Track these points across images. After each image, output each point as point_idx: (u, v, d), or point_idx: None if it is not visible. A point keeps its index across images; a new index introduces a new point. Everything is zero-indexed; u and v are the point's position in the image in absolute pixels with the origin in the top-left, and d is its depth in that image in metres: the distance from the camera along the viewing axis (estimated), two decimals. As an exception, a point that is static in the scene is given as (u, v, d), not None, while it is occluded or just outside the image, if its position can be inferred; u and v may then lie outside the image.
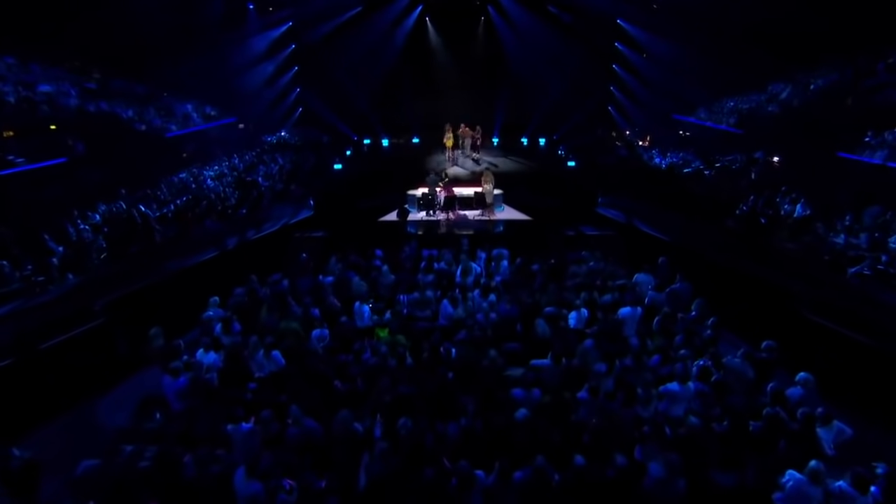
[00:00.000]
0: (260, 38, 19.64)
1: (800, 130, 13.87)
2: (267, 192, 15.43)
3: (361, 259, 8.61)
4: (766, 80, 16.66)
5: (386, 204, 12.42)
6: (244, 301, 7.08)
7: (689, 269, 7.72)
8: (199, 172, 16.21)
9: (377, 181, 14.80)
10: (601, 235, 10.64)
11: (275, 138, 21.59)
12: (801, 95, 15.59)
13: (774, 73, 16.26)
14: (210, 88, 18.67)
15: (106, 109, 15.67)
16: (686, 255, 9.38)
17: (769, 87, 16.69)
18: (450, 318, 6.92)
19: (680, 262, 8.24)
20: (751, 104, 17.41)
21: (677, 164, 16.98)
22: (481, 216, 11.52)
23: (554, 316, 6.65)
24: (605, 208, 12.07)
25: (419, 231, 11.36)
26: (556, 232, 10.62)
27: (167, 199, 13.82)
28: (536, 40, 19.60)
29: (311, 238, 10.63)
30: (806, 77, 15.24)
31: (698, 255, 9.38)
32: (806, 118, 14.06)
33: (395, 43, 20.13)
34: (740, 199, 12.13)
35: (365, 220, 11.81)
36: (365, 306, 6.92)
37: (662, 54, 18.23)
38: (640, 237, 10.53)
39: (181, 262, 8.72)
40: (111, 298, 7.32)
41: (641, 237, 10.51)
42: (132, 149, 14.99)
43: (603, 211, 11.83)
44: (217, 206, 13.84)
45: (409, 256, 8.55)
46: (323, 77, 20.19)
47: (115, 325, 6.91)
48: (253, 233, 10.60)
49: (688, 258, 9.29)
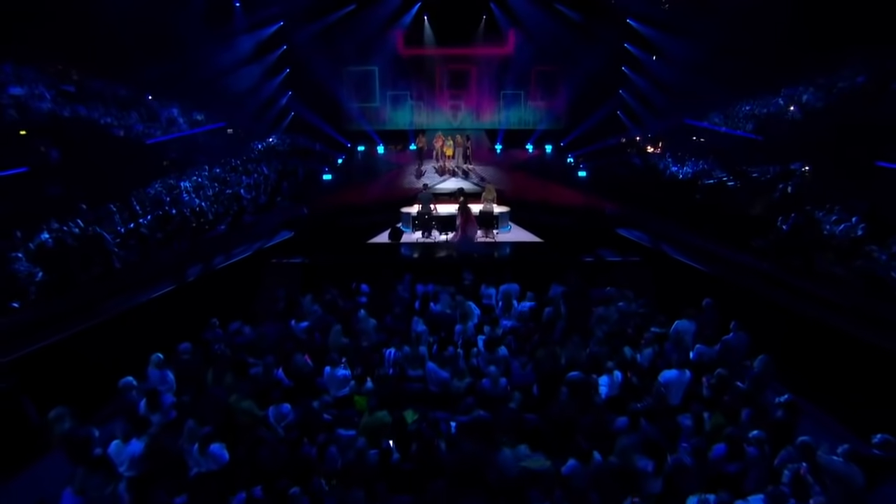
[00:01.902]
0: (249, 38, 18.28)
1: (829, 137, 12.61)
2: (249, 205, 14.03)
3: (343, 298, 7.16)
4: (780, 82, 15.61)
5: (377, 221, 11.04)
6: (192, 361, 5.63)
7: (736, 310, 6.29)
8: (175, 184, 14.79)
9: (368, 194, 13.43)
10: (625, 263, 9.19)
11: (263, 145, 20.20)
12: (824, 98, 14.24)
13: (789, 74, 15.11)
14: (198, 91, 17.38)
15: (83, 114, 14.46)
16: (730, 291, 7.94)
17: (783, 90, 15.62)
18: (443, 385, 5.47)
19: (726, 301, 6.81)
20: (768, 108, 16.19)
21: (698, 174, 15.58)
22: (485, 238, 10.08)
23: (581, 385, 5.18)
24: (626, 228, 10.60)
25: (414, 254, 9.94)
26: (573, 258, 9.18)
27: (138, 214, 12.47)
28: (543, 40, 18.30)
29: (289, 266, 9.19)
30: (828, 78, 14.06)
31: (744, 291, 7.92)
32: (834, 123, 12.84)
33: (391, 42, 18.77)
34: (773, 216, 10.73)
35: (352, 241, 10.38)
36: (340, 370, 5.46)
37: (674, 55, 16.99)
38: (671, 265, 9.06)
39: (130, 300, 7.26)
40: (27, 351, 5.87)
41: (672, 265, 9.04)
42: (106, 157, 13.73)
43: (624, 232, 10.36)
44: (192, 222, 12.45)
45: (400, 299, 7.07)
46: (315, 80, 18.81)
47: (25, 389, 5.46)
48: (221, 260, 9.13)
49: (732, 294, 7.84)
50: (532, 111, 19.92)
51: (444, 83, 19.44)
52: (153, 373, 5.35)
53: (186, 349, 5.62)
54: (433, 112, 19.77)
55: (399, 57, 19.07)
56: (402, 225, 10.64)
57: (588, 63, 18.10)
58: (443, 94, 19.60)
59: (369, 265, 9.07)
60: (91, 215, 11.53)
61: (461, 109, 19.77)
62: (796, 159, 13.77)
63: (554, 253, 9.60)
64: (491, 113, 19.92)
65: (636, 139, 19.88)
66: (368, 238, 10.46)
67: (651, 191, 14.13)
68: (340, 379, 5.47)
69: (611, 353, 5.84)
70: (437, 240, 10.11)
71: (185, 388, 5.36)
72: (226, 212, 13.28)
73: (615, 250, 9.70)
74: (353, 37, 18.44)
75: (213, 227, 12.69)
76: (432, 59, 19.21)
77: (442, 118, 19.77)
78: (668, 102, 17.74)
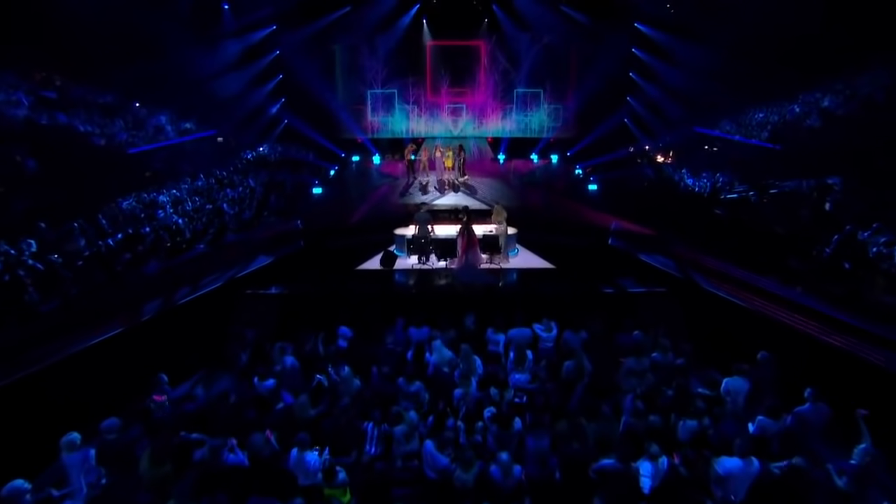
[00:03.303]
0: (240, 43, 17.21)
1: (856, 146, 11.54)
2: (232, 221, 12.88)
3: (319, 346, 5.96)
4: (795, 88, 14.70)
5: (370, 242, 9.88)
6: (120, 442, 4.42)
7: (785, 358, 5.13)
8: (151, 197, 13.64)
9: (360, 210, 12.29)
10: (650, 295, 7.99)
11: (252, 154, 19.06)
12: (846, 104, 13.21)
13: (805, 80, 14.19)
14: (187, 98, 16.33)
15: (62, 121, 13.39)
16: (775, 331, 6.76)
17: (799, 95, 14.70)
18: (443, 473, 4.27)
19: (772, 346, 5.58)
20: (784, 116, 15.19)
21: (717, 187, 14.46)
22: (491, 264, 8.89)
23: (618, 478, 3.98)
24: (648, 253, 9.41)
25: (410, 281, 8.76)
26: (590, 289, 8.01)
27: (107, 232, 11.34)
28: (548, 44, 17.38)
29: (265, 297, 8.01)
30: (847, 83, 13.14)
31: (790, 331, 6.72)
32: (860, 131, 11.87)
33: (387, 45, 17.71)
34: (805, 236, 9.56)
35: (339, 266, 9.20)
36: (308, 455, 4.26)
37: (684, 59, 16.05)
38: (702, 297, 7.85)
39: (63, 348, 6.04)
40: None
41: (703, 297, 7.84)
42: (83, 168, 12.61)
43: (646, 258, 9.16)
44: (165, 242, 11.29)
45: (388, 353, 5.86)
46: (308, 87, 17.72)
47: None
48: (187, 291, 7.93)
49: (777, 334, 6.67)
50: (536, 118, 18.79)
51: (442, 89, 18.33)
52: (68, 460, 4.15)
53: (112, 426, 4.40)
54: (431, 119, 18.65)
55: (396, 60, 17.97)
56: (396, 248, 9.45)
57: (596, 68, 17.14)
58: (442, 100, 18.48)
59: (357, 297, 7.90)
60: (52, 234, 10.43)
61: (462, 116, 18.65)
62: (820, 170, 12.73)
63: (568, 282, 8.41)
64: (493, 120, 18.79)
65: (645, 149, 18.76)
66: (358, 263, 9.27)
67: (667, 206, 13.02)
68: (311, 465, 4.27)
69: (650, 427, 4.65)
70: (436, 266, 8.92)
71: (110, 479, 4.16)
72: (204, 229, 12.15)
73: (637, 279, 8.52)
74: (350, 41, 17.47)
75: (192, 247, 11.57)
76: (431, 62, 18.13)
77: (441, 125, 18.65)
78: (679, 109, 16.74)
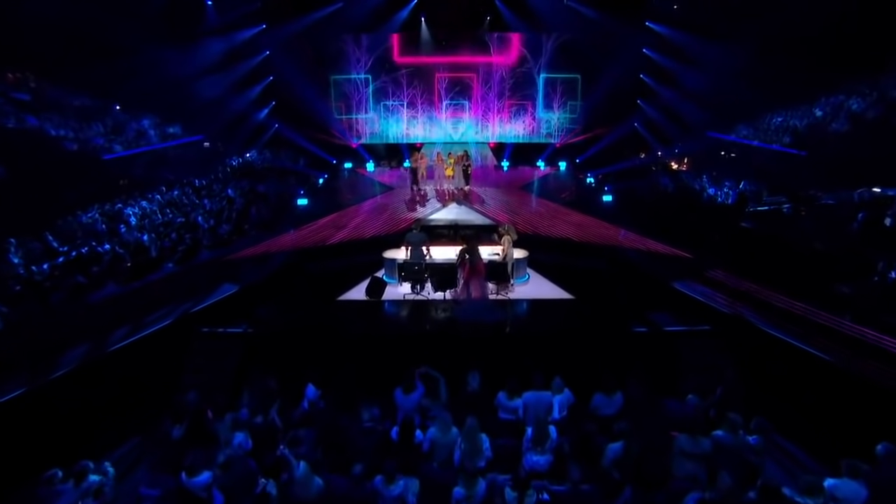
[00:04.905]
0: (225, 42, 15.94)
1: None
2: (205, 236, 11.50)
3: (275, 418, 4.51)
4: (817, 89, 13.86)
5: (358, 264, 8.48)
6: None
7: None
8: (116, 209, 12.27)
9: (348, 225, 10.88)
10: (692, 335, 6.54)
11: (238, 161, 17.72)
12: (874, 107, 12.23)
13: (827, 82, 13.37)
14: (173, 101, 15.09)
15: (32, 125, 12.18)
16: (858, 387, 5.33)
17: (821, 97, 13.87)
18: None
19: None
20: (808, 119, 14.19)
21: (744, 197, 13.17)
22: (497, 294, 7.44)
23: None
24: (682, 280, 7.95)
25: (401, 312, 7.34)
26: (622, 329, 6.57)
27: (56, 251, 10.00)
28: (556, 43, 16.29)
29: (224, 338, 6.56)
30: (872, 85, 12.34)
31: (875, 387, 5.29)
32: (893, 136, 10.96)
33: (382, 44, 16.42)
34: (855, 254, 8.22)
35: (318, 295, 7.77)
36: None
37: (697, 59, 15.01)
38: (761, 342, 6.39)
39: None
40: None
41: (763, 342, 6.37)
42: (49, 175, 11.47)
43: (682, 287, 7.70)
44: (125, 261, 9.92)
45: (364, 433, 4.41)
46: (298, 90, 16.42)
47: None
48: (126, 332, 6.46)
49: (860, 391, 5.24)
50: (543, 122, 17.44)
51: (443, 90, 16.99)
52: None
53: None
54: (431, 123, 17.30)
55: (392, 61, 16.68)
56: (386, 274, 8.00)
57: (607, 69, 15.95)
58: (441, 102, 17.14)
59: (334, 342, 6.46)
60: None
61: (463, 120, 17.30)
62: (856, 179, 11.50)
63: (591, 319, 6.97)
64: (496, 125, 17.44)
65: (658, 154, 17.48)
66: (341, 292, 7.82)
67: (691, 219, 11.69)
68: None
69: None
70: (432, 297, 7.46)
71: None
72: (173, 246, 10.77)
73: (673, 313, 7.07)
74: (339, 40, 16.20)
75: (158, 267, 10.24)
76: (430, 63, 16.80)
77: (440, 130, 17.29)
78: (696, 113, 15.55)
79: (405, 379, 4.78)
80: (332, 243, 9.92)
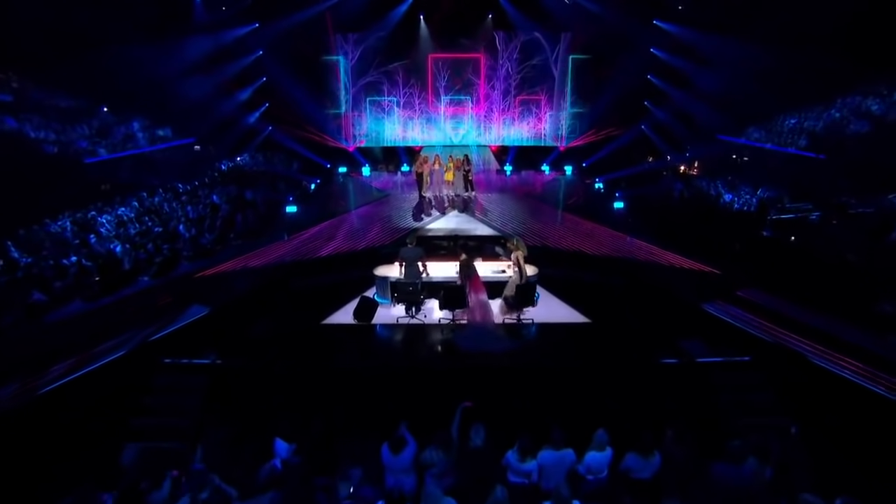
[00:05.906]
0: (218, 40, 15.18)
1: None
2: (187, 246, 10.66)
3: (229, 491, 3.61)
4: (832, 89, 12.98)
5: (349, 281, 7.59)
6: None
7: None
8: (86, 217, 11.41)
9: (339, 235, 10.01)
10: (730, 366, 5.63)
11: (227, 165, 16.89)
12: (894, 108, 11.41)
13: (843, 82, 12.53)
14: (161, 102, 14.33)
15: (11, 126, 11.52)
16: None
17: (837, 99, 13.00)
18: None
19: None
20: (824, 121, 13.36)
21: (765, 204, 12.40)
22: (514, 319, 6.53)
23: None
24: (711, 300, 7.04)
25: (395, 338, 6.44)
26: (648, 360, 5.67)
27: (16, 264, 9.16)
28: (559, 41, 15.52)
29: (188, 370, 5.65)
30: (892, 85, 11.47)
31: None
32: None
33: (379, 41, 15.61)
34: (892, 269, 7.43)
35: (300, 318, 6.87)
36: None
37: (708, 58, 14.28)
38: (810, 375, 5.47)
39: None
40: None
41: (812, 375, 5.46)
42: (24, 180, 10.74)
43: (712, 309, 6.79)
44: (93, 275, 9.07)
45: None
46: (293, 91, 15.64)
47: None
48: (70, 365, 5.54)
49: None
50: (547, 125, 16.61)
51: (441, 90, 16.14)
52: None
53: None
54: (429, 125, 16.45)
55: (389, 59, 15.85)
56: (378, 294, 7.10)
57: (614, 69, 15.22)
58: (440, 102, 16.29)
59: (315, 374, 5.56)
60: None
61: (463, 121, 16.45)
62: (877, 183, 10.78)
63: (611, 347, 6.07)
64: (499, 127, 16.59)
65: (668, 158, 16.70)
66: (326, 315, 6.90)
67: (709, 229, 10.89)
68: None
69: None
70: (428, 322, 6.55)
71: None
72: (149, 258, 9.92)
73: (705, 340, 6.16)
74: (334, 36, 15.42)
75: (133, 281, 9.41)
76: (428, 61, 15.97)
77: (439, 132, 16.44)
78: (703, 115, 14.86)
79: (394, 435, 3.88)
80: (320, 256, 9.04)
